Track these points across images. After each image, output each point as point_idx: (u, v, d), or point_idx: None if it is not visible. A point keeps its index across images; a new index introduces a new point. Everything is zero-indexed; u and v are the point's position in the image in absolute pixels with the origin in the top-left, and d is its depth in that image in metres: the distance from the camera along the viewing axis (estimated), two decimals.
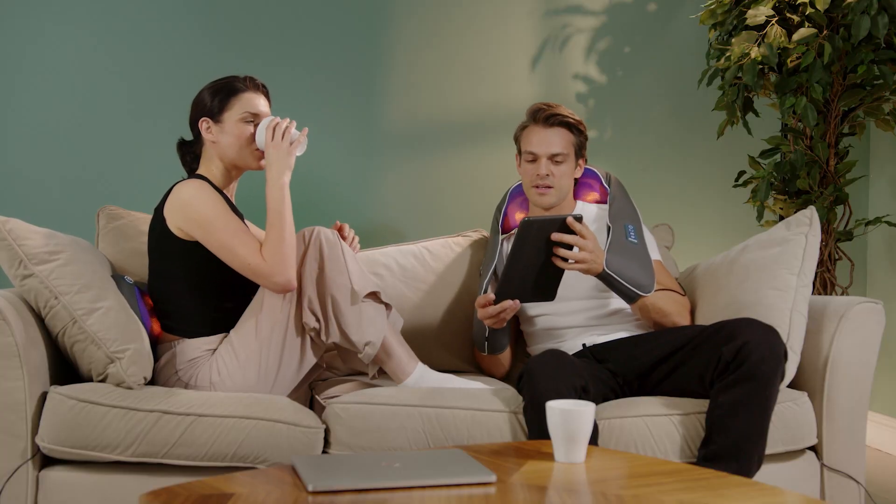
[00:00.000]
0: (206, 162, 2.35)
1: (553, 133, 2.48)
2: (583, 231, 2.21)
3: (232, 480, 1.52)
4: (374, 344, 2.23)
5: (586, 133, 2.55)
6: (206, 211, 2.19)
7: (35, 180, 3.02)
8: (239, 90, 2.30)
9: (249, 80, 2.33)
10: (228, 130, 2.29)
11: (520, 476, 1.57)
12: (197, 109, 2.32)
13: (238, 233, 2.18)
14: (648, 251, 2.46)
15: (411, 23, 3.26)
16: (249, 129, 2.30)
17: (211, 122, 2.30)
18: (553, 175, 2.48)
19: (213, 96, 2.30)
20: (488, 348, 2.51)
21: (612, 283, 2.32)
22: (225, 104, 2.29)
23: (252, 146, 2.31)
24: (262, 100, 2.34)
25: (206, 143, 2.32)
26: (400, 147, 3.25)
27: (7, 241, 2.11)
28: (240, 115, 2.29)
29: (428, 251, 2.79)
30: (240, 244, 2.17)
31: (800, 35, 2.79)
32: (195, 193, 2.21)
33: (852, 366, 2.26)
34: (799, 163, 2.93)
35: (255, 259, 2.16)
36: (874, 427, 3.34)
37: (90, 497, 2.02)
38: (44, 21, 3.02)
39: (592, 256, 2.23)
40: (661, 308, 2.39)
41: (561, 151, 2.48)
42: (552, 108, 2.50)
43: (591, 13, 3.38)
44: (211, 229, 2.18)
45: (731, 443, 2.01)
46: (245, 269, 2.18)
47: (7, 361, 2.01)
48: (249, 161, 2.32)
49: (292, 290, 2.19)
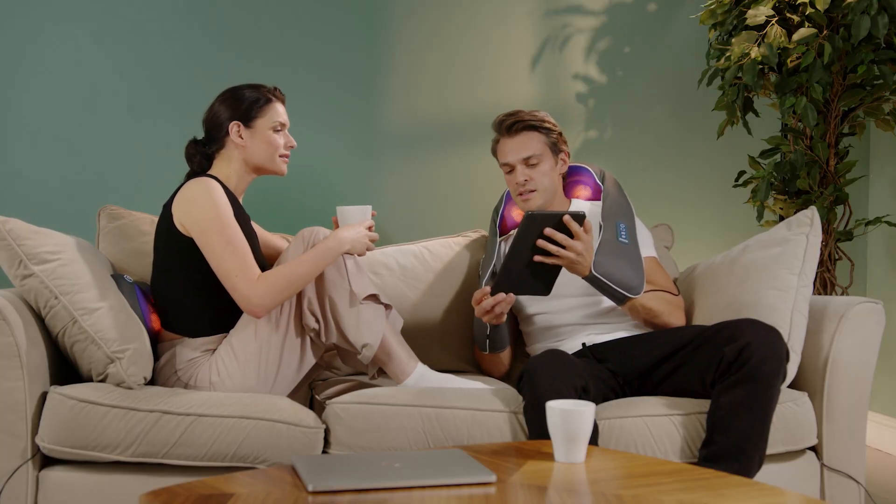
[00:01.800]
0: (222, 164, 2.35)
1: (519, 139, 2.51)
2: (578, 232, 2.21)
3: (232, 480, 1.52)
4: (372, 346, 2.23)
5: (557, 129, 2.55)
6: (209, 212, 2.18)
7: (35, 180, 3.02)
8: (271, 100, 2.34)
9: (277, 91, 2.38)
10: (259, 136, 2.32)
11: (520, 476, 1.57)
12: (225, 113, 2.32)
13: (233, 243, 2.17)
14: (640, 250, 2.46)
15: (411, 23, 3.26)
16: (279, 139, 2.34)
17: (242, 126, 2.31)
18: (532, 179, 2.49)
19: (244, 102, 2.32)
20: (490, 346, 2.51)
21: (600, 286, 2.33)
22: (259, 111, 2.32)
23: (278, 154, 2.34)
24: (284, 108, 2.39)
25: (232, 145, 2.32)
26: (400, 147, 3.25)
27: (7, 241, 2.11)
28: (271, 125, 2.33)
29: (428, 251, 2.79)
30: (231, 255, 2.17)
31: (800, 35, 2.79)
32: (204, 192, 2.21)
33: (852, 366, 2.26)
34: (799, 163, 2.93)
35: (240, 275, 2.15)
36: (874, 427, 3.34)
37: (90, 497, 2.02)
38: (44, 21, 3.02)
39: (579, 258, 2.23)
40: (650, 308, 2.40)
41: (532, 153, 2.49)
42: (513, 116, 2.53)
43: (591, 13, 3.38)
44: (207, 231, 2.18)
45: (732, 443, 2.01)
46: (226, 281, 2.17)
47: (7, 361, 2.01)
48: (277, 165, 2.35)
49: (256, 318, 2.20)
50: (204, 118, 2.37)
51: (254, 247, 2.29)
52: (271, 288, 2.16)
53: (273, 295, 2.16)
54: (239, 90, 2.35)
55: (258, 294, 2.15)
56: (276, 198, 3.11)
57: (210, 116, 2.35)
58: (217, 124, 2.34)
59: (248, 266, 2.17)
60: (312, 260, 2.20)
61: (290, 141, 2.38)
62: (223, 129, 2.32)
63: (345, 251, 2.24)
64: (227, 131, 2.31)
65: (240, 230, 2.21)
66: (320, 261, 2.21)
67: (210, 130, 2.36)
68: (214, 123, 2.34)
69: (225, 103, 2.34)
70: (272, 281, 2.16)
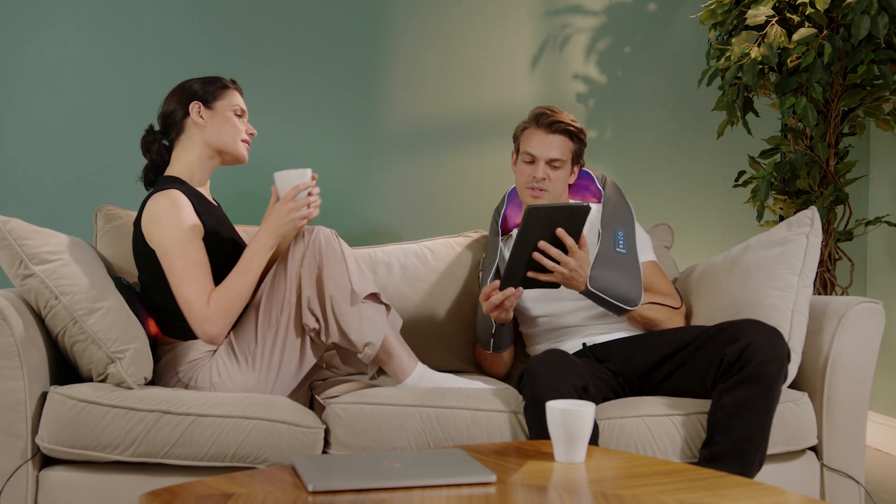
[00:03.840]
0: (182, 153, 2.35)
1: (554, 139, 2.50)
2: (572, 247, 2.21)
3: (232, 480, 1.52)
4: (374, 344, 2.23)
5: (586, 141, 2.57)
6: (170, 233, 2.19)
7: (34, 180, 3.02)
8: (228, 87, 2.38)
9: (232, 80, 2.41)
10: (220, 116, 2.34)
11: (520, 476, 1.57)
12: (185, 95, 2.35)
13: (192, 267, 2.17)
14: (638, 259, 2.45)
15: (411, 23, 3.26)
16: (238, 123, 2.36)
17: (202, 106, 2.33)
18: (549, 179, 2.49)
19: (204, 85, 2.36)
20: (493, 346, 2.51)
21: (597, 300, 2.33)
22: (218, 94, 2.35)
23: (240, 135, 2.35)
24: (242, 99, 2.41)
25: (192, 127, 2.33)
26: (400, 147, 3.25)
27: (8, 241, 2.11)
28: (231, 108, 2.36)
29: (429, 250, 2.79)
30: (190, 280, 2.17)
31: (800, 35, 2.79)
32: (167, 209, 2.20)
33: (852, 366, 2.26)
34: (799, 163, 2.93)
35: (196, 300, 2.16)
36: (874, 427, 3.34)
37: (90, 497, 2.02)
38: (44, 21, 3.02)
39: (573, 274, 2.24)
40: (650, 318, 2.41)
41: (559, 157, 2.50)
42: (556, 115, 2.52)
43: (591, 13, 3.38)
44: (169, 254, 2.18)
45: (732, 443, 2.01)
46: (182, 305, 2.18)
47: (7, 361, 2.01)
48: (238, 149, 2.36)
49: (215, 344, 2.20)
50: (159, 113, 2.38)
51: (230, 234, 2.34)
52: (220, 306, 2.16)
53: (222, 318, 2.17)
54: (194, 79, 2.39)
55: (211, 323, 2.16)
56: None
57: (166, 108, 2.36)
58: (175, 109, 2.35)
59: (203, 290, 2.16)
60: (246, 270, 2.20)
61: (251, 128, 2.40)
62: (184, 110, 2.33)
63: (273, 245, 2.22)
64: (187, 111, 2.32)
65: (201, 250, 2.21)
66: (255, 265, 2.20)
67: (168, 117, 2.36)
68: (172, 109, 2.35)
69: (182, 91, 2.36)
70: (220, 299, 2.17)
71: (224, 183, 2.84)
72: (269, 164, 3.09)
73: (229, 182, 2.91)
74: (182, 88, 2.36)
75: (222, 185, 2.83)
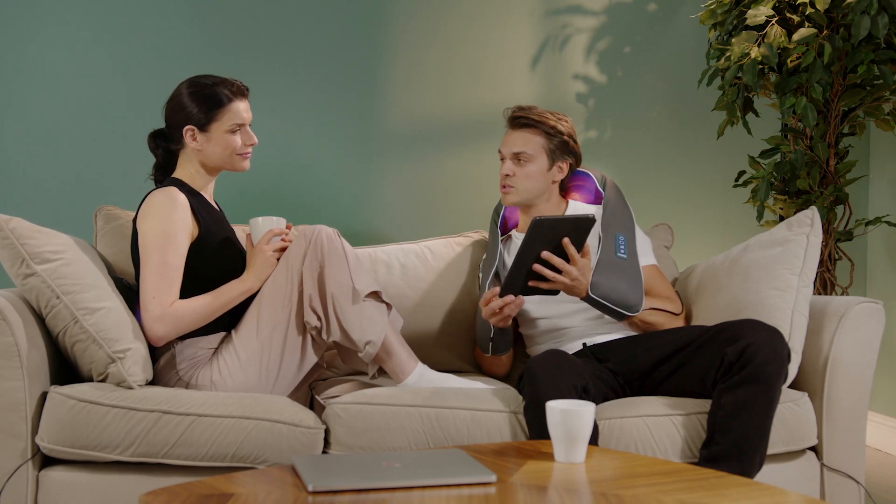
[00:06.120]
0: (184, 164, 2.35)
1: (518, 134, 2.51)
2: (574, 256, 2.21)
3: (232, 480, 1.52)
4: (375, 343, 2.23)
5: (564, 136, 2.50)
6: (158, 228, 2.19)
7: (34, 180, 3.02)
8: (224, 102, 2.28)
9: (235, 88, 2.31)
10: (215, 140, 2.30)
11: (520, 476, 1.57)
12: (180, 115, 2.29)
13: (168, 267, 2.18)
14: (639, 263, 2.45)
15: (411, 23, 3.26)
16: (236, 139, 2.30)
17: (197, 131, 2.29)
18: (514, 175, 2.49)
19: (198, 105, 2.28)
20: (492, 349, 2.51)
21: (598, 306, 2.33)
22: (213, 115, 2.28)
23: (237, 153, 2.31)
24: (244, 104, 2.32)
25: (189, 149, 2.32)
26: (400, 147, 3.25)
27: (10, 240, 2.11)
28: (227, 127, 2.29)
29: (430, 250, 2.79)
30: (161, 276, 2.18)
31: (800, 35, 2.79)
32: (162, 205, 2.21)
33: (852, 366, 2.26)
34: (799, 163, 2.93)
35: (160, 297, 2.17)
36: (874, 427, 3.34)
37: (90, 497, 2.02)
38: (44, 21, 3.02)
39: (574, 283, 2.24)
40: (651, 323, 2.42)
41: (523, 151, 2.48)
42: (522, 111, 2.52)
43: (591, 13, 3.38)
44: (150, 245, 2.19)
45: (733, 444, 2.01)
46: (143, 294, 2.18)
47: (7, 361, 2.01)
48: (236, 164, 2.34)
49: (155, 345, 2.21)
50: (165, 113, 2.34)
51: (229, 237, 2.33)
52: (180, 321, 2.18)
53: (175, 326, 2.18)
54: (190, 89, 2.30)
55: (164, 324, 2.16)
56: (277, 198, 3.11)
57: (169, 113, 2.33)
58: (174, 125, 2.32)
59: (169, 292, 2.18)
60: (219, 297, 2.23)
61: (250, 138, 2.33)
62: (179, 131, 2.30)
63: (255, 288, 2.26)
64: (182, 134, 2.30)
65: (181, 254, 2.21)
66: (228, 298, 2.24)
67: (169, 127, 2.34)
68: (171, 124, 2.33)
69: (176, 103, 2.31)
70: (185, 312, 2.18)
71: (224, 183, 2.84)
72: (270, 165, 3.11)
73: (230, 182, 2.91)
74: (179, 105, 2.29)
75: (222, 185, 2.83)
